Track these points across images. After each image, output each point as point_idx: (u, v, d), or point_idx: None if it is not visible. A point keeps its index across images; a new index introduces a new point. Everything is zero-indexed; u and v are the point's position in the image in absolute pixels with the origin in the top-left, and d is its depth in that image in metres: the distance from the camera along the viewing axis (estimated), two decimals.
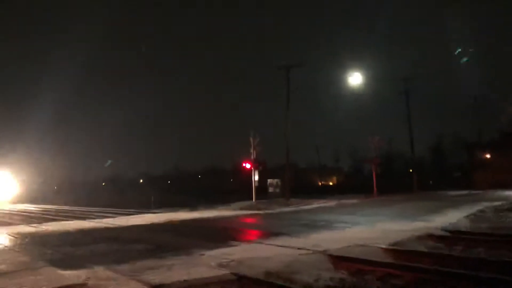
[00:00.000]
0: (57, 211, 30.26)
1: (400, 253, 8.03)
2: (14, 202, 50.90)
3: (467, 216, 13.93)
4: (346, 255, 7.76)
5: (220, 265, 7.37)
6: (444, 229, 10.97)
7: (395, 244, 8.88)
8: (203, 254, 8.50)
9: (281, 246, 9.21)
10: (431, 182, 45.74)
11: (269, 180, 33.27)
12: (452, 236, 9.98)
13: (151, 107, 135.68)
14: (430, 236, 9.87)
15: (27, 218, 23.94)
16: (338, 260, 7.59)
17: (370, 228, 11.69)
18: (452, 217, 13.76)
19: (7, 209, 37.78)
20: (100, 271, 7.41)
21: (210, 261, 7.72)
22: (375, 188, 31.81)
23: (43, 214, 27.29)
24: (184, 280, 6.43)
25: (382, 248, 8.44)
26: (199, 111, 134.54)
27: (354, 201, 25.57)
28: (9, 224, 19.52)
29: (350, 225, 12.61)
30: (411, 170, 43.11)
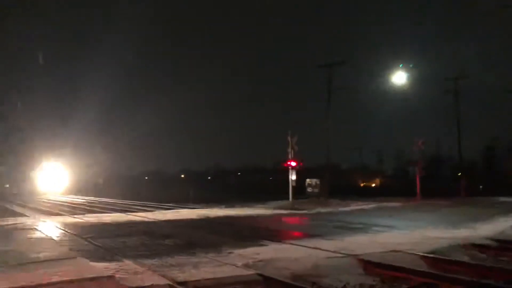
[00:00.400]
0: (100, 203, 31.37)
1: (439, 261, 7.53)
2: (63, 193, 53.53)
3: None
4: (379, 261, 7.36)
5: (247, 265, 7.22)
6: (489, 238, 10.24)
7: (434, 252, 8.35)
8: (231, 253, 8.39)
9: (312, 248, 8.93)
10: (481, 187, 43.43)
11: (307, 180, 32.81)
12: (499, 246, 9.27)
13: (195, 105, 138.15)
14: (474, 245, 9.22)
15: (72, 209, 24.95)
16: (370, 265, 7.22)
17: (409, 234, 11.14)
18: (500, 226, 12.88)
19: (55, 199, 39.65)
20: (129, 264, 7.47)
21: (238, 261, 7.59)
22: (418, 192, 30.55)
23: (87, 206, 28.37)
24: (208, 279, 6.33)
25: (419, 255, 7.95)
26: (242, 109, 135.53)
27: (396, 204, 24.65)
28: (55, 214, 20.41)
29: (388, 229, 12.09)
30: (459, 174, 41.12)
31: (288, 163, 23.55)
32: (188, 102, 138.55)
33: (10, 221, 15.70)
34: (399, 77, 28.84)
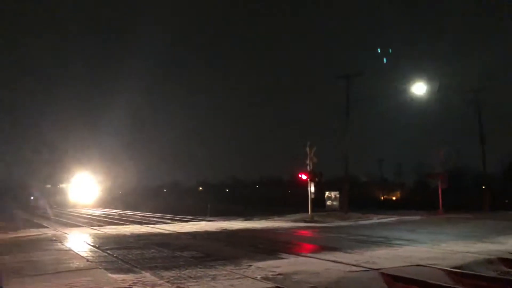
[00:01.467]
0: (119, 215, 31.59)
1: (465, 277, 7.23)
2: (93, 206, 53.36)
3: None
4: (403, 275, 7.12)
5: (266, 278, 7.07)
6: None
7: (459, 266, 8.04)
8: (250, 265, 8.25)
9: (332, 261, 8.72)
10: (506, 201, 42.14)
11: (326, 193, 32.42)
12: None
13: (211, 117, 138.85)
14: (502, 260, 8.86)
15: (91, 220, 25.17)
16: (393, 280, 6.99)
17: (432, 248, 10.79)
18: None
19: (81, 212, 40.10)
20: (147, 276, 7.42)
21: (256, 273, 7.45)
22: (440, 205, 29.84)
23: (105, 218, 28.59)
24: None
25: (444, 270, 7.66)
26: (259, 120, 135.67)
27: (417, 217, 24.09)
28: (75, 226, 20.61)
29: (410, 243, 11.75)
30: (483, 187, 40.03)
31: (300, 175, 23.27)
32: (203, 114, 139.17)
33: (32, 232, 15.89)
34: (419, 88, 28.48)
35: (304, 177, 23.18)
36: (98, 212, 38.87)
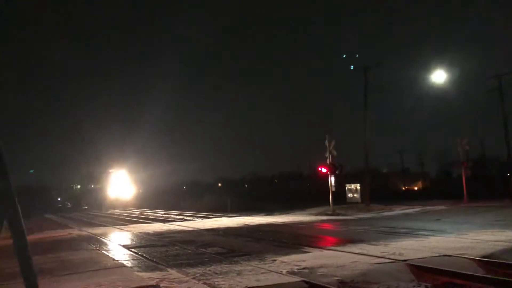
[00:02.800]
0: (141, 213, 31.99)
1: (495, 266, 7.06)
2: (129, 205, 51.85)
3: None
4: (431, 266, 6.99)
5: (292, 272, 7.04)
6: None
7: (489, 256, 7.85)
8: (275, 260, 8.24)
9: (357, 253, 8.63)
10: None
11: (347, 185, 32.17)
12: None
13: (230, 113, 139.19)
14: None
15: (115, 220, 25.54)
16: (421, 271, 6.87)
17: (458, 237, 10.58)
18: None
19: (112, 212, 40.59)
20: (173, 273, 7.48)
21: (282, 268, 7.43)
22: (465, 194, 29.25)
23: (129, 216, 29.00)
24: (254, 287, 6.20)
25: (473, 259, 7.50)
26: (279, 115, 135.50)
27: (441, 207, 23.68)
28: (99, 225, 20.97)
29: (435, 233, 11.55)
30: (508, 175, 39.06)
31: (320, 168, 23.13)
32: (223, 111, 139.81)
33: (58, 232, 16.24)
34: (439, 76, 27.95)
35: (324, 170, 23.05)
36: (121, 211, 39.44)
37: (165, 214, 29.30)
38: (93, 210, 47.22)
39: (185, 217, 24.54)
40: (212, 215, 24.87)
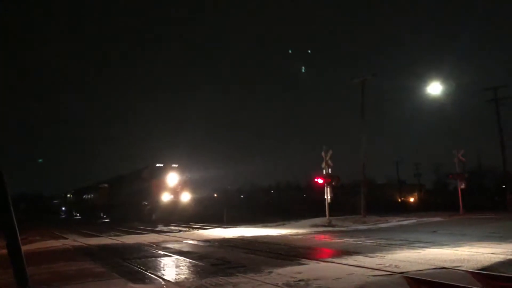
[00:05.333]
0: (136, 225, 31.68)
1: (493, 278, 7.02)
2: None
3: None
4: (428, 279, 6.95)
5: (288, 285, 6.99)
6: None
7: (486, 268, 7.84)
8: (271, 272, 8.18)
9: (354, 265, 8.59)
10: None
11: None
12: None
13: (226, 122, 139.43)
14: None
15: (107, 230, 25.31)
16: (418, 283, 6.82)
17: (455, 250, 10.56)
18: None
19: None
20: (168, 285, 7.41)
21: (278, 280, 7.37)
22: (461, 206, 29.29)
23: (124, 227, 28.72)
24: None
25: (470, 272, 7.46)
26: (276, 125, 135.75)
27: (437, 219, 23.66)
28: (91, 236, 20.77)
29: (432, 245, 11.52)
30: (503, 187, 39.18)
31: (316, 179, 23.12)
32: (219, 120, 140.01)
33: (52, 244, 16.08)
34: (434, 88, 28.14)
35: (320, 181, 23.00)
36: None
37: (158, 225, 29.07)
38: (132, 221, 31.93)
39: (179, 228, 24.40)
40: (208, 226, 24.73)
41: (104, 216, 41.69)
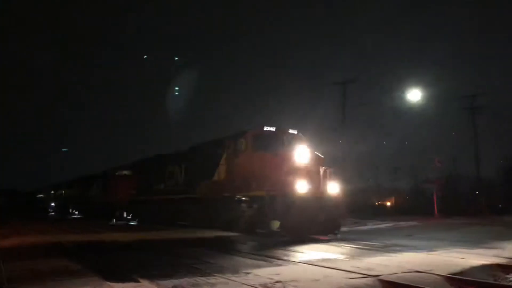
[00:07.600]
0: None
1: (465, 283, 7.24)
2: None
3: None
4: (403, 282, 7.12)
5: (264, 286, 7.04)
6: None
7: (459, 273, 8.05)
8: (248, 273, 8.21)
9: (331, 268, 8.70)
10: (500, 205, 42.37)
11: None
12: None
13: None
14: (500, 266, 8.89)
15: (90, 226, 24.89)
16: (392, 286, 6.98)
17: (429, 254, 10.81)
18: None
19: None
20: (144, 284, 7.35)
21: (255, 281, 7.41)
22: (435, 211, 29.99)
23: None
24: None
25: (443, 276, 7.67)
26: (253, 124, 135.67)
27: (413, 223, 24.16)
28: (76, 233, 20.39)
29: (408, 249, 11.75)
30: (477, 193, 40.26)
31: None
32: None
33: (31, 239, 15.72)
34: (414, 95, 28.75)
35: None
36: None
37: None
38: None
39: (157, 226, 24.15)
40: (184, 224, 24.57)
41: (129, 217, 29.38)
